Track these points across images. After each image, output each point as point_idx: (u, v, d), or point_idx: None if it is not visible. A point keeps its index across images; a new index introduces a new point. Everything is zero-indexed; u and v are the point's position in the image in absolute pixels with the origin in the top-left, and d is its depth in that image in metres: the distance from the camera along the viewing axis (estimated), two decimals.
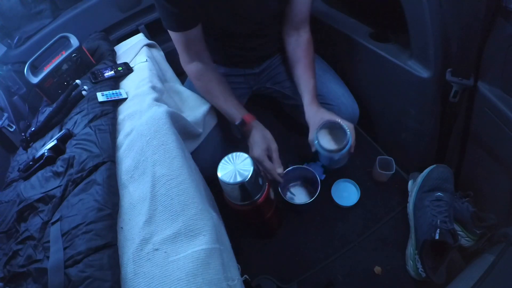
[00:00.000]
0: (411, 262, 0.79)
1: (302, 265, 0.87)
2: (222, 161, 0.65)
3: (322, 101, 0.91)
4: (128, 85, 0.85)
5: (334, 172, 1.04)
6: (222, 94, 0.83)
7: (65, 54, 0.93)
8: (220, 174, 0.63)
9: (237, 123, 0.79)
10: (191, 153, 0.78)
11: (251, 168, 0.62)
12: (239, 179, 0.61)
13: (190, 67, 0.83)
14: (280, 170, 0.79)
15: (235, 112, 0.81)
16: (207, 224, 0.50)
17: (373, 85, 0.94)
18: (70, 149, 0.69)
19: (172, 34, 0.78)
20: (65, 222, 0.54)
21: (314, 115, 0.78)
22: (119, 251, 0.48)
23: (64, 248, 0.49)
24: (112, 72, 0.90)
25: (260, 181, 0.69)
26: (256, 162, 0.75)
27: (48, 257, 0.50)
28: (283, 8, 0.82)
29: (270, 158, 0.79)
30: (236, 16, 0.77)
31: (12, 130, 1.02)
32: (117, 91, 0.81)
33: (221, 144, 0.92)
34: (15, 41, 1.19)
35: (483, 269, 0.56)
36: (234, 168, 0.63)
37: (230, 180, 0.62)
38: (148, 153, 0.59)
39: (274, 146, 0.80)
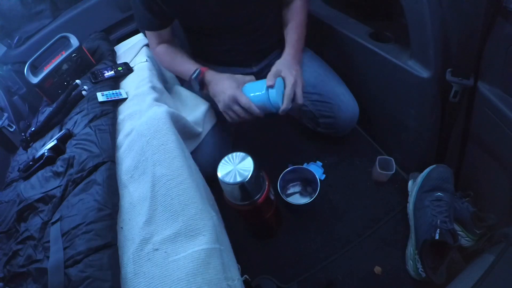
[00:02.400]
0: (411, 262, 0.79)
1: (302, 265, 0.87)
2: (222, 161, 0.65)
3: (322, 99, 0.91)
4: (128, 85, 0.85)
5: (334, 172, 1.04)
6: (181, 59, 0.88)
7: (65, 54, 0.93)
8: (220, 174, 0.63)
9: (194, 75, 0.81)
10: (191, 153, 0.78)
11: (251, 168, 0.62)
12: (239, 179, 0.61)
13: (158, 49, 0.91)
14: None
15: (191, 67, 0.84)
16: (207, 224, 0.50)
17: (373, 85, 0.94)
18: (70, 149, 0.69)
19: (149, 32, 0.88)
20: (65, 222, 0.54)
21: (283, 66, 0.78)
22: (119, 251, 0.48)
23: (64, 248, 0.49)
24: (112, 72, 0.90)
25: (260, 181, 0.69)
26: (230, 104, 0.77)
27: (48, 257, 0.50)
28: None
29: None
30: (225, 7, 0.77)
31: (12, 130, 1.02)
32: (117, 91, 0.81)
33: (220, 143, 0.92)
34: (15, 41, 1.19)
35: (483, 269, 0.56)
36: (234, 168, 0.63)
37: (230, 180, 0.62)
38: (148, 153, 0.59)
39: (242, 78, 0.81)
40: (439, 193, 0.78)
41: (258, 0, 0.81)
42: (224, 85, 0.78)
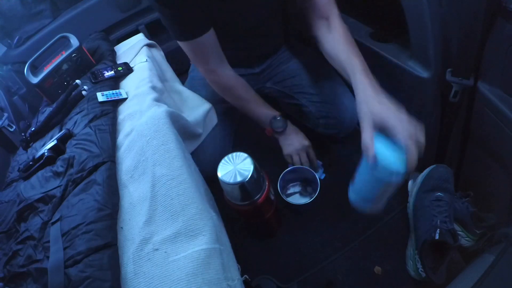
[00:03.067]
0: (411, 262, 0.79)
1: (302, 265, 0.87)
2: (222, 161, 0.65)
3: (322, 100, 0.91)
4: (128, 85, 0.85)
5: (334, 172, 1.04)
6: (253, 98, 0.89)
7: (65, 54, 0.93)
8: (220, 174, 0.63)
9: (278, 119, 0.89)
10: (191, 153, 0.78)
11: (251, 168, 0.62)
12: (239, 179, 0.61)
13: (215, 78, 0.85)
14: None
15: (270, 112, 0.89)
16: (207, 224, 0.50)
17: None
18: (70, 149, 0.69)
19: (186, 45, 0.75)
20: (65, 222, 0.54)
21: (373, 105, 0.53)
22: (119, 251, 0.48)
23: (64, 248, 0.49)
24: (112, 72, 0.90)
25: (260, 181, 0.69)
26: (300, 153, 0.93)
27: (48, 257, 0.50)
28: (281, 3, 0.82)
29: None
30: (236, 12, 0.76)
31: (12, 130, 1.02)
32: (117, 91, 0.81)
33: (221, 144, 0.92)
34: (15, 41, 1.19)
35: (483, 269, 0.56)
36: (234, 168, 0.63)
37: (230, 180, 0.62)
38: (148, 153, 0.59)
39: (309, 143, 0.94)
40: (439, 193, 0.78)
41: (273, 4, 0.80)
42: (296, 138, 0.93)
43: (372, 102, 0.53)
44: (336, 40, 0.69)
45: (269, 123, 0.88)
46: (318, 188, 0.89)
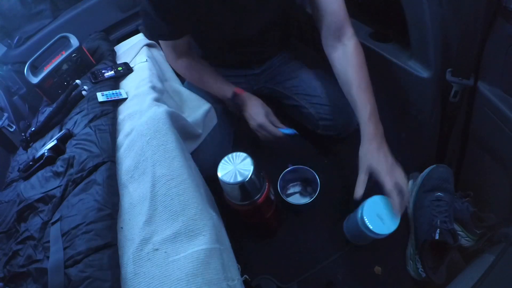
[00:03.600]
0: (411, 262, 0.79)
1: (302, 265, 0.87)
2: (222, 161, 0.65)
3: (321, 102, 0.91)
4: (128, 85, 0.85)
5: (334, 172, 1.04)
6: (211, 77, 0.88)
7: (65, 54, 0.93)
8: (220, 174, 0.63)
9: (230, 96, 0.85)
10: (191, 153, 0.78)
11: (251, 168, 0.62)
12: (239, 178, 0.61)
13: (179, 62, 0.88)
14: (281, 125, 0.86)
15: (227, 88, 0.87)
16: (207, 224, 0.50)
17: (373, 85, 0.94)
18: (70, 149, 0.69)
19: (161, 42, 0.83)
20: (65, 222, 0.54)
21: (371, 158, 0.67)
22: (119, 251, 0.48)
23: (64, 248, 0.49)
24: (112, 72, 0.90)
25: (260, 181, 0.69)
26: (259, 129, 0.85)
27: (48, 257, 0.50)
28: (284, 11, 0.81)
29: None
30: (238, 22, 0.76)
31: (12, 130, 1.02)
32: (117, 91, 0.81)
33: (221, 144, 0.92)
34: (15, 41, 1.19)
35: (483, 269, 0.56)
36: (234, 168, 0.63)
37: (230, 180, 0.62)
38: (148, 153, 0.59)
39: (269, 109, 0.87)
40: (439, 193, 0.78)
41: (274, 13, 0.80)
42: (253, 111, 0.85)
43: (371, 158, 0.67)
44: (349, 76, 0.72)
45: (232, 97, 0.87)
46: (318, 188, 0.88)
